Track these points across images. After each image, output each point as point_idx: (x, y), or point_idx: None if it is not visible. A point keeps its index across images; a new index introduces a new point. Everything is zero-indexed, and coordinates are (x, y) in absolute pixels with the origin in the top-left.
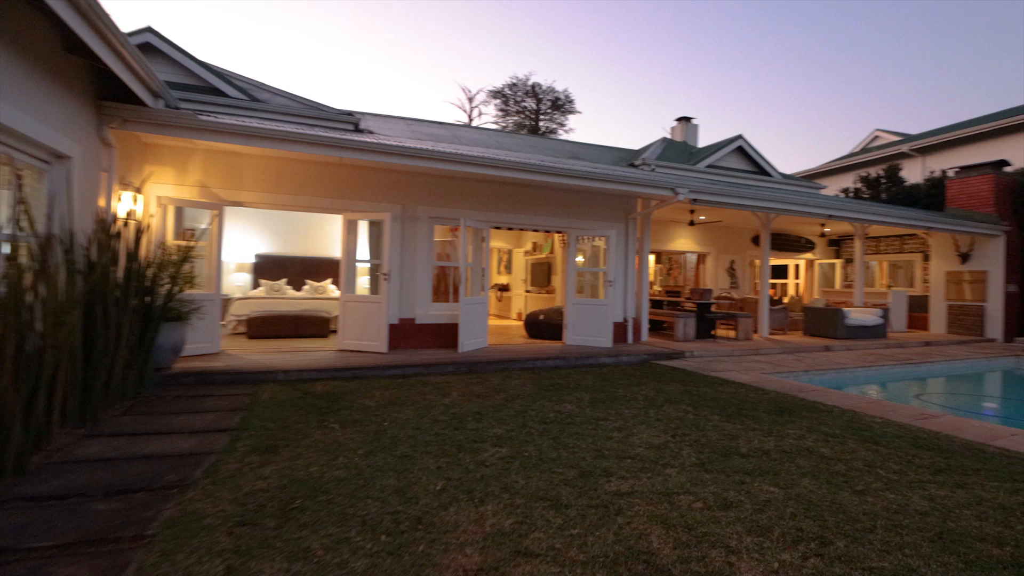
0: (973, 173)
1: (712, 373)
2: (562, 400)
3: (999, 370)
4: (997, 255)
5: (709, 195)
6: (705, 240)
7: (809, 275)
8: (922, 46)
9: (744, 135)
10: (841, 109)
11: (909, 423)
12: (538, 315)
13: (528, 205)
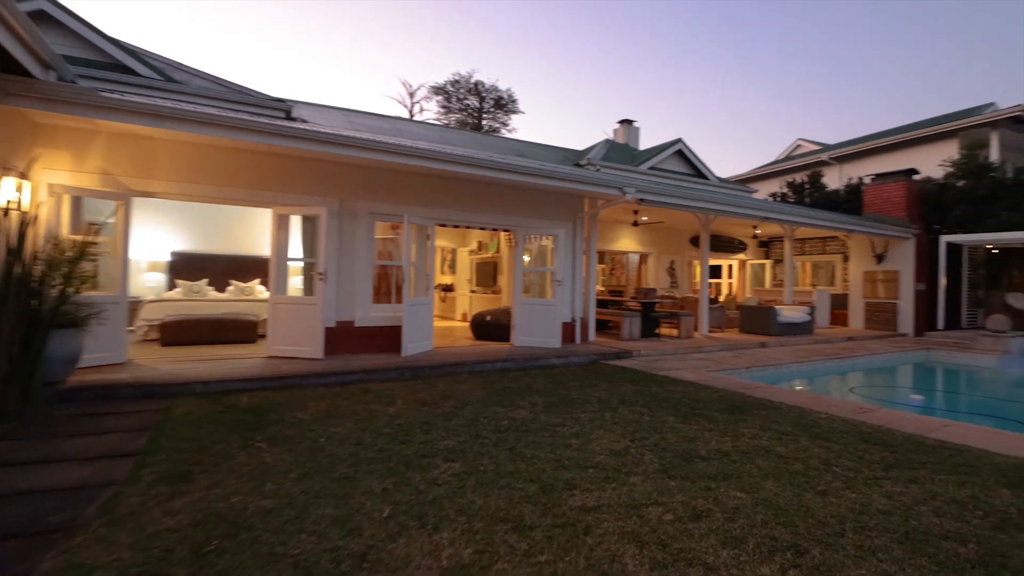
0: (887, 180)
1: (660, 372)
2: (515, 405)
3: (914, 363)
4: (908, 256)
5: (655, 195)
6: (647, 241)
7: (742, 275)
8: (841, 60)
9: (683, 139)
10: (768, 117)
11: (851, 418)
12: (485, 316)
13: (475, 202)
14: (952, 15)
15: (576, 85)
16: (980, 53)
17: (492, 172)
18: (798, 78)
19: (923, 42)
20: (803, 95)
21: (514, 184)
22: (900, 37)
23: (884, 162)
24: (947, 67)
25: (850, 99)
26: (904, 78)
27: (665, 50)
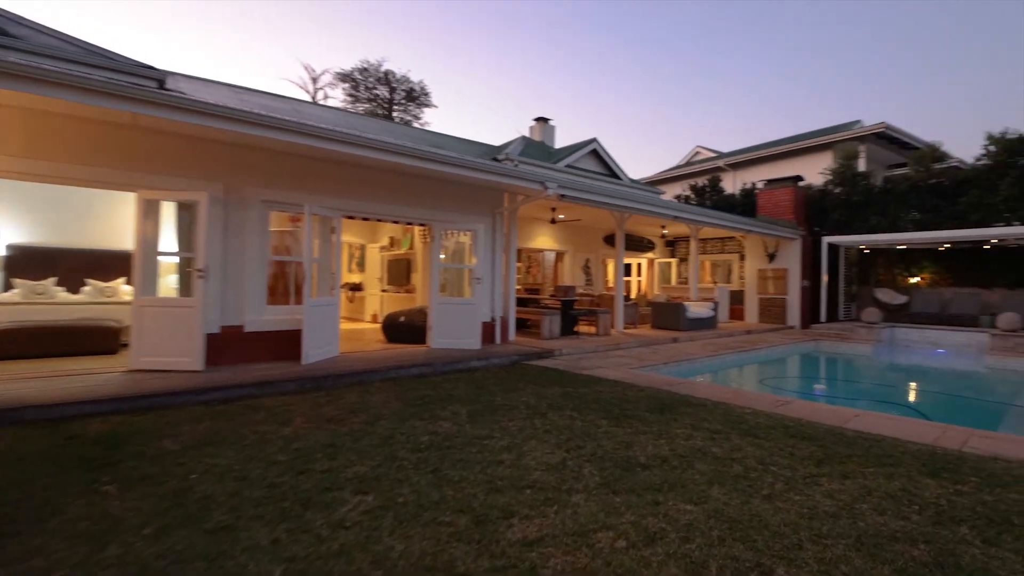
0: (777, 186)
1: (584, 371)
2: (435, 417)
3: (806, 353)
4: (795, 255)
5: (576, 191)
6: (564, 239)
7: (650, 273)
8: (733, 75)
9: (598, 139)
10: (671, 125)
11: (773, 411)
12: (398, 317)
13: (387, 193)
14: (829, 38)
15: (490, 83)
16: (853, 73)
17: (407, 160)
18: (697, 90)
19: (805, 61)
20: (701, 105)
21: (431, 175)
22: (785, 56)
23: (773, 169)
24: (828, 85)
25: (743, 111)
26: (789, 93)
27: (578, 54)
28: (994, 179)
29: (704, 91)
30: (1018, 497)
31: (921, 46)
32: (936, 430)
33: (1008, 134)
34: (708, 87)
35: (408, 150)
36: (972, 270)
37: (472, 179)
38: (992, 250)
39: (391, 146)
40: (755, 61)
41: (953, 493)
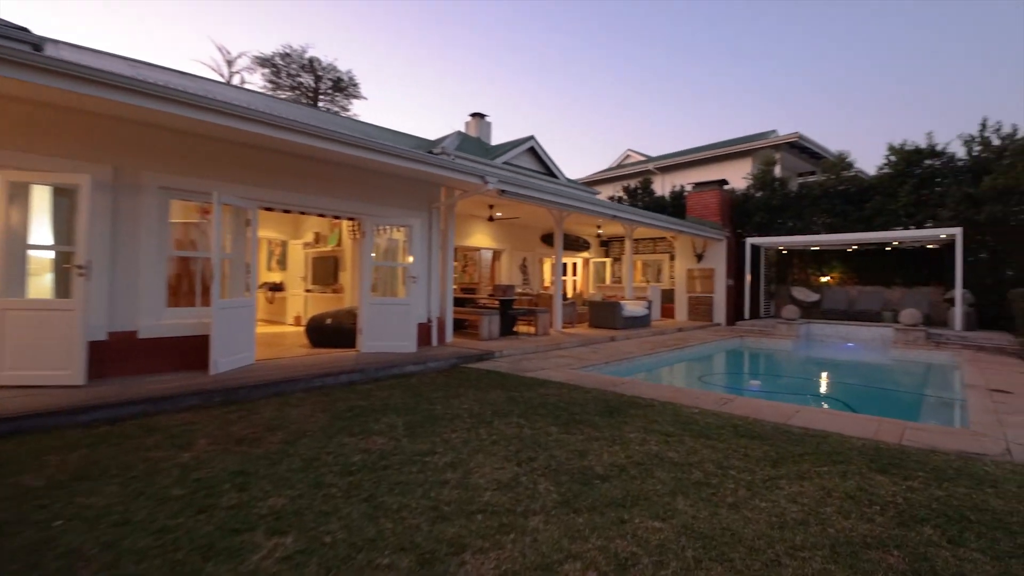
0: (704, 189)
1: (527, 373)
2: (368, 431)
3: (735, 349)
4: (721, 255)
5: (516, 187)
6: (501, 237)
7: (585, 272)
8: (661, 79)
9: (535, 137)
10: (603, 127)
11: (719, 410)
12: (324, 319)
13: (312, 184)
14: (748, 52)
15: (424, 79)
16: (771, 85)
17: (335, 146)
18: (628, 95)
19: (727, 71)
20: (631, 110)
21: (362, 164)
22: (709, 65)
23: (699, 173)
24: (747, 95)
25: (669, 117)
26: (712, 101)
27: (515, 55)
28: (895, 187)
29: (633, 96)
30: (966, 491)
31: (831, 63)
32: (873, 423)
33: (906, 146)
34: (637, 93)
35: (336, 135)
36: (875, 270)
37: (407, 171)
38: (892, 252)
39: (316, 130)
40: (681, 69)
41: (906, 490)
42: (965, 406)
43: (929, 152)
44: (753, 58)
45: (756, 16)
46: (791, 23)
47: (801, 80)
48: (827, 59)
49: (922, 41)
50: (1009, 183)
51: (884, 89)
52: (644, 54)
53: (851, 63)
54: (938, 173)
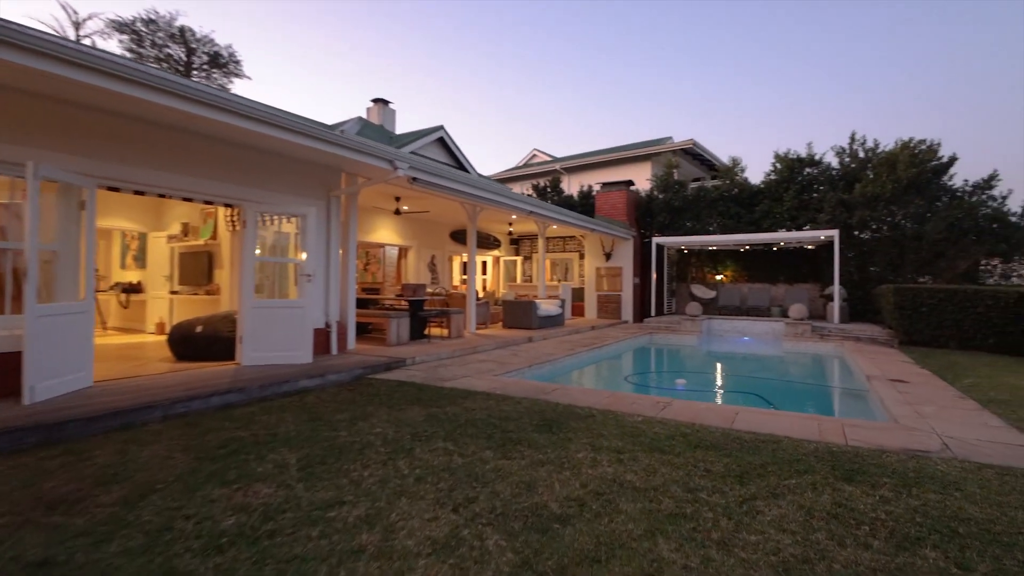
0: (612, 189)
1: (446, 383)
2: (248, 476)
3: (648, 346)
4: (628, 254)
5: (430, 175)
6: (408, 233)
7: (496, 271)
8: (566, 82)
9: (445, 127)
10: (510, 126)
11: (661, 417)
12: (194, 326)
13: (175, 159)
14: (646, 60)
15: (318, 61)
16: (668, 92)
17: (210, 112)
18: (535, 95)
19: (628, 78)
20: (538, 111)
21: (244, 139)
22: (610, 72)
23: (603, 175)
24: (645, 102)
25: (574, 120)
26: (612, 106)
27: (422, 48)
28: (780, 192)
29: (538, 97)
30: (937, 498)
31: (725, 75)
32: (813, 423)
33: (790, 154)
34: (541, 95)
35: (209, 97)
36: (763, 269)
37: (300, 150)
38: (778, 252)
39: (182, 88)
40: (585, 74)
41: (881, 502)
42: (878, 398)
43: (809, 161)
44: (650, 67)
45: (654, 27)
46: (687, 36)
47: (693, 91)
48: (718, 72)
49: (797, 55)
50: (876, 191)
51: (768, 101)
52: (549, 57)
53: (738, 74)
54: (816, 180)
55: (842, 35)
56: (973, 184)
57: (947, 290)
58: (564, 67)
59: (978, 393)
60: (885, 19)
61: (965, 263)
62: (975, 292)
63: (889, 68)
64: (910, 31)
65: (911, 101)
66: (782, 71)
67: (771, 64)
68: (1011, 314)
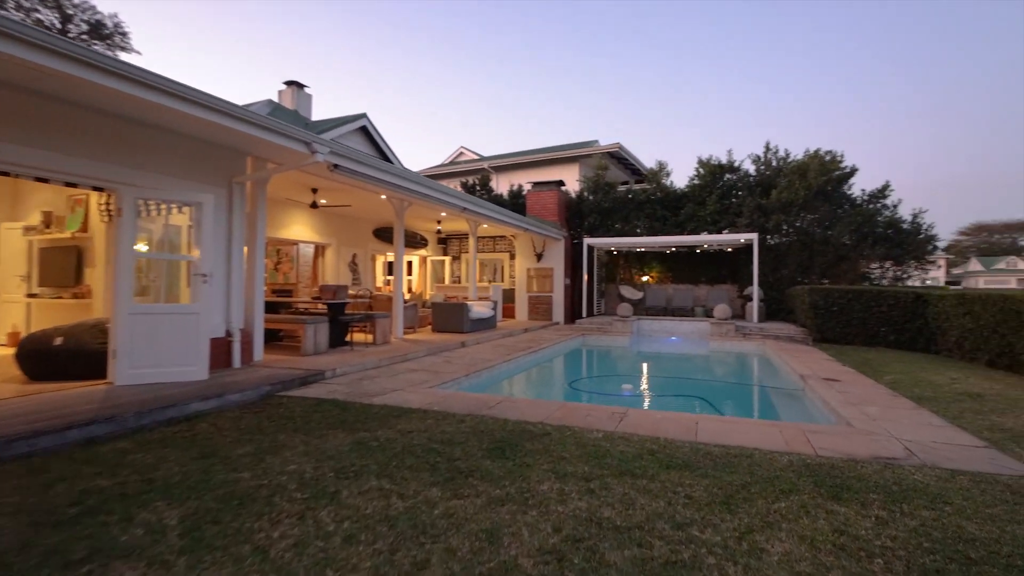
0: (543, 189)
1: (374, 399)
2: (106, 551)
3: (584, 348)
4: (560, 255)
5: (354, 162)
6: (326, 229)
7: (423, 271)
8: (491, 82)
9: (368, 115)
10: (436, 123)
11: (621, 431)
12: (52, 337)
13: (27, 128)
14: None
15: (220, 41)
16: (594, 98)
17: (70, 67)
18: (462, 93)
19: (555, 82)
20: (465, 109)
21: (118, 107)
22: (539, 73)
23: (532, 175)
24: (573, 106)
25: (502, 120)
26: (539, 108)
27: (340, 31)
28: (704, 196)
29: (465, 96)
30: (931, 515)
31: (650, 81)
32: (774, 430)
33: (712, 160)
34: (467, 93)
35: (76, 51)
36: (686, 270)
37: (196, 124)
38: (700, 254)
39: (37, 37)
40: (511, 74)
41: (879, 524)
42: (820, 399)
43: (729, 167)
44: (575, 73)
45: (580, 33)
46: (612, 44)
47: (617, 99)
48: (643, 82)
49: (715, 65)
50: (790, 197)
51: (689, 110)
52: (475, 55)
53: (662, 84)
54: (735, 186)
55: (755, 49)
56: (870, 193)
57: (855, 291)
58: (489, 69)
59: (905, 390)
60: (800, 34)
61: (865, 266)
62: (879, 292)
63: (798, 83)
64: (819, 45)
65: (816, 114)
66: (700, 81)
67: (690, 74)
68: (908, 313)
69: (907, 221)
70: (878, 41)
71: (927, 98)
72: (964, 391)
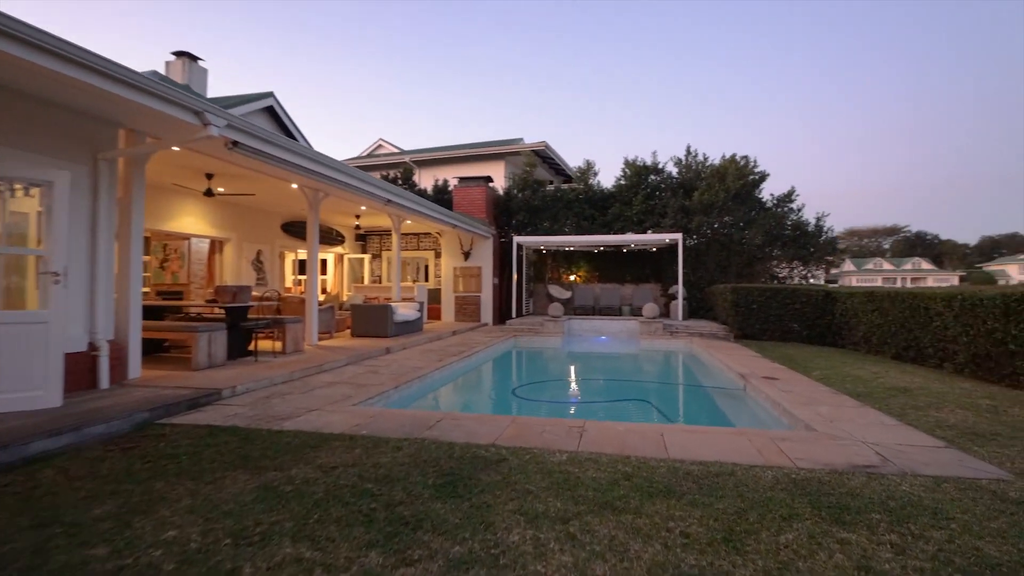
0: (471, 184)
1: (286, 424)
2: None
3: (518, 351)
4: (488, 253)
5: (258, 140)
6: (225, 222)
7: (339, 270)
8: (412, 74)
9: (275, 94)
10: (349, 112)
11: (587, 451)
12: None
13: None
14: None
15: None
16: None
17: None
18: (380, 85)
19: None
20: (383, 102)
21: None
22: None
23: (456, 171)
24: (498, 104)
25: (423, 116)
26: (461, 104)
27: None
28: (630, 196)
29: (385, 89)
30: (943, 536)
31: (578, 81)
32: (742, 439)
33: (638, 161)
34: (388, 85)
35: None
36: (613, 269)
37: (43, 79)
38: (626, 253)
39: None
40: (432, 68)
41: (896, 553)
42: (768, 399)
43: (653, 169)
44: (500, 71)
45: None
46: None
47: (542, 94)
48: (567, 82)
49: (638, 69)
50: (711, 199)
51: (612, 112)
52: (394, 45)
53: (588, 86)
54: (659, 187)
55: (678, 52)
56: (778, 197)
57: (772, 289)
58: (409, 62)
59: (839, 385)
60: (718, 42)
61: (775, 266)
62: (793, 291)
63: (718, 87)
64: (733, 53)
65: (736, 118)
66: (623, 85)
67: (614, 77)
68: (819, 309)
69: (811, 224)
70: (801, 48)
71: (844, 109)
72: (892, 385)
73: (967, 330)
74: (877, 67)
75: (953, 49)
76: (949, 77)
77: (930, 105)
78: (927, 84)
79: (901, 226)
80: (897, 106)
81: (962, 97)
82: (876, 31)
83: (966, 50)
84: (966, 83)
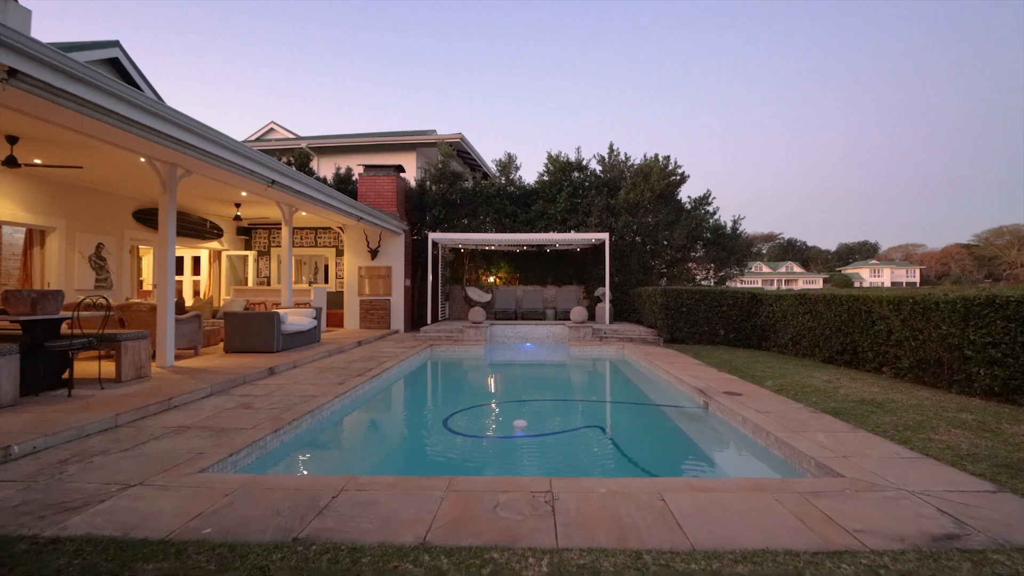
0: (379, 173)
1: (71, 523)
2: None
3: (436, 365)
4: (400, 252)
5: (57, 71)
6: (45, 205)
7: (216, 270)
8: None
9: (122, 45)
10: (242, 95)
11: (571, 547)
12: None
13: None
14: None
15: None
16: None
17: None
18: (273, 66)
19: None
20: (276, 83)
21: None
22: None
23: (361, 160)
24: (411, 94)
25: (323, 103)
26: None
27: None
28: (554, 193)
29: (276, 70)
30: None
31: (494, 73)
32: (768, 499)
33: (561, 157)
34: (281, 67)
35: None
36: (535, 270)
37: None
38: (549, 253)
39: None
40: (333, 51)
41: None
42: (745, 423)
43: (577, 165)
44: (411, 59)
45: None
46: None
47: (458, 86)
48: (482, 72)
49: (561, 63)
50: (636, 198)
51: (534, 106)
52: (290, 20)
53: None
54: (584, 185)
55: (602, 47)
56: (695, 199)
57: (701, 291)
58: (306, 40)
59: (805, 400)
60: (649, 39)
61: (695, 268)
62: (721, 293)
63: (642, 88)
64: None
65: (659, 119)
66: (541, 79)
67: (532, 71)
68: (744, 312)
69: (728, 227)
70: (724, 52)
71: (768, 115)
72: (858, 398)
73: (916, 334)
74: (760, 79)
75: (818, 70)
76: (827, 97)
77: (801, 121)
78: (804, 101)
79: (776, 233)
80: (780, 125)
81: (833, 117)
82: (746, 51)
83: (834, 70)
84: (837, 105)
